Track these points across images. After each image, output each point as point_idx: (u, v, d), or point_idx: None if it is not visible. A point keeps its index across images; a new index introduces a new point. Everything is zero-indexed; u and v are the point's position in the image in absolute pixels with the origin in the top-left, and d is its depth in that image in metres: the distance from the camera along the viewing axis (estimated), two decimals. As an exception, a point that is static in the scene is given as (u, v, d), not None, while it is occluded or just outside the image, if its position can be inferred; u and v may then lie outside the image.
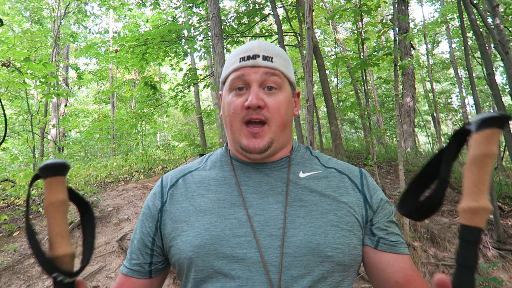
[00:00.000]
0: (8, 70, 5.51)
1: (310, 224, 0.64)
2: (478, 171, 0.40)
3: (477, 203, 0.39)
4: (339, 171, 0.74)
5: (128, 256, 0.74)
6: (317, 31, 12.57)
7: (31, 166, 7.58)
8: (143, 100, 7.91)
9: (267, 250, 0.62)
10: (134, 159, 8.24)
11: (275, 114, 0.67)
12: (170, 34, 6.00)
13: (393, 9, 4.09)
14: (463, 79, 13.72)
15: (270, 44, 0.72)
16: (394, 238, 0.69)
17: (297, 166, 0.74)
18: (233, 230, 0.64)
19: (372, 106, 9.88)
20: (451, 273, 3.02)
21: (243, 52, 0.70)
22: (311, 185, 0.70)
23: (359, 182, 0.73)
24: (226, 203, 0.67)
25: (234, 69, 0.70)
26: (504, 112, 0.39)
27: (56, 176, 0.42)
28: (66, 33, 13.03)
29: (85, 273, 2.91)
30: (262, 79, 0.68)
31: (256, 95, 0.66)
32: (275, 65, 0.69)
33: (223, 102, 0.73)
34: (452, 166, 0.46)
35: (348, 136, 16.40)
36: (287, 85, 0.72)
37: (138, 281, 0.71)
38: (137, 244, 0.72)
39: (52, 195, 0.42)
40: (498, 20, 3.64)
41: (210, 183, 0.72)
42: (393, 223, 0.71)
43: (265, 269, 0.60)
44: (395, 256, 0.68)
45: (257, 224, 0.64)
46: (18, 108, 12.18)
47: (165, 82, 16.77)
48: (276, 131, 0.68)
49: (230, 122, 0.70)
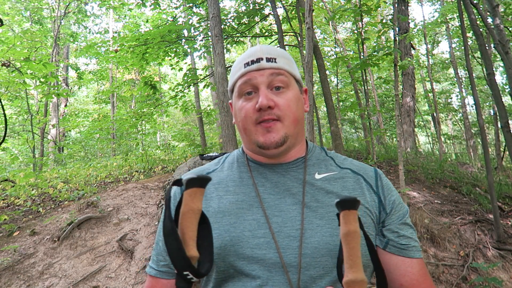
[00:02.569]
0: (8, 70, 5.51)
1: (327, 225, 0.65)
2: (346, 247, 0.47)
3: (352, 276, 0.46)
4: (354, 171, 0.75)
5: (155, 258, 0.74)
6: (317, 31, 12.57)
7: (31, 166, 7.58)
8: (143, 100, 7.91)
9: (286, 251, 0.63)
10: (134, 159, 8.23)
11: (286, 111, 0.68)
12: (170, 34, 5.99)
13: (393, 9, 4.09)
14: (463, 79, 13.72)
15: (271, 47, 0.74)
16: (404, 241, 0.69)
17: (313, 167, 0.74)
18: (252, 231, 0.65)
19: (372, 106, 9.89)
20: (451, 273, 3.02)
21: (247, 58, 0.71)
22: (327, 186, 0.70)
23: (374, 183, 0.73)
24: (244, 204, 0.69)
25: (240, 75, 0.71)
26: (354, 197, 0.47)
27: (200, 188, 0.48)
28: (66, 33, 13.03)
29: (85, 273, 2.91)
30: (269, 80, 0.69)
31: (265, 96, 0.67)
32: (279, 65, 0.70)
33: (234, 109, 0.74)
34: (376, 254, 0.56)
35: (348, 136, 16.39)
36: (294, 83, 0.73)
37: (169, 282, 0.73)
38: (162, 246, 0.73)
39: (194, 203, 0.47)
40: (498, 20, 3.64)
41: (228, 185, 0.73)
42: (406, 225, 0.71)
43: (284, 270, 0.61)
44: (403, 259, 0.68)
45: (275, 225, 0.65)
46: (18, 108, 12.19)
47: (165, 82, 16.77)
48: (289, 126, 0.69)
49: (244, 126, 0.71)
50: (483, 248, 3.36)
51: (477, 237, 3.54)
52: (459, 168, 6.48)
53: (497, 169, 6.75)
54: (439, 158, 7.47)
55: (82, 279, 2.85)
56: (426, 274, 0.70)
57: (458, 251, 3.32)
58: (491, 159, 6.34)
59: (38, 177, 5.36)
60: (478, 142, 11.92)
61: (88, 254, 3.20)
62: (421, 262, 0.70)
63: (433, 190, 4.88)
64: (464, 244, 3.43)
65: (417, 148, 9.59)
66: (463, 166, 7.05)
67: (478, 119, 3.55)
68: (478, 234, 3.59)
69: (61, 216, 3.82)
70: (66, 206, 4.24)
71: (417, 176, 5.54)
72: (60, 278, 2.86)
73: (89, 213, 3.82)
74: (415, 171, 5.80)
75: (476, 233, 3.60)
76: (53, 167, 9.24)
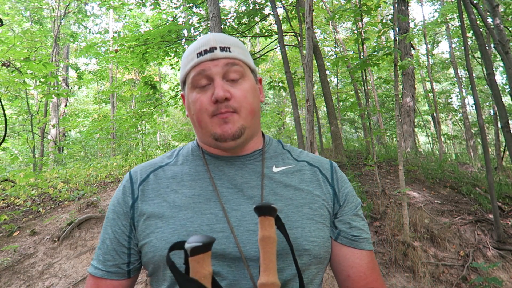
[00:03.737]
0: (8, 70, 5.51)
1: (286, 218, 0.64)
2: (261, 251, 0.50)
3: (265, 279, 0.49)
4: (311, 164, 0.75)
5: (101, 257, 0.69)
6: (317, 31, 12.57)
7: (31, 166, 7.58)
8: (143, 100, 7.91)
9: (246, 245, 0.61)
10: (134, 159, 8.24)
11: (243, 103, 0.66)
12: (170, 34, 5.99)
13: (393, 9, 4.09)
14: (463, 79, 13.72)
15: (224, 35, 0.70)
16: (356, 232, 0.70)
17: (270, 160, 0.73)
18: (210, 225, 0.63)
19: (372, 106, 9.89)
20: (451, 273, 3.02)
21: (199, 47, 0.67)
22: (285, 179, 0.70)
23: (329, 175, 0.74)
24: (201, 198, 0.66)
25: (193, 66, 0.67)
26: (269, 204, 0.50)
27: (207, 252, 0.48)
28: (66, 33, 13.04)
29: (85, 273, 2.91)
30: (224, 71, 0.66)
31: (221, 87, 0.64)
32: (234, 54, 0.67)
33: (187, 101, 0.70)
34: None
35: (348, 136, 16.40)
36: (249, 73, 0.71)
37: (117, 283, 0.68)
38: (111, 244, 0.68)
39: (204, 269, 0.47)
40: (498, 20, 3.64)
41: (183, 178, 0.70)
42: (358, 217, 0.72)
43: (245, 264, 0.60)
44: (353, 251, 0.69)
45: (234, 219, 0.64)
46: (18, 108, 12.20)
47: (165, 82, 16.79)
48: (246, 118, 0.67)
49: (199, 119, 0.67)
50: (483, 248, 3.36)
51: (477, 237, 3.54)
52: (459, 168, 6.48)
53: (497, 169, 6.75)
54: (439, 158, 7.47)
55: (82, 279, 2.85)
56: (374, 266, 0.70)
57: (458, 251, 3.32)
58: (491, 159, 6.34)
59: (38, 177, 5.36)
60: (478, 142, 11.92)
61: (88, 254, 3.20)
62: (370, 254, 0.70)
63: (433, 190, 4.88)
64: (464, 244, 3.43)
65: (417, 148, 9.59)
66: (463, 166, 7.05)
67: (478, 119, 3.55)
68: (478, 234, 3.59)
69: (61, 216, 3.82)
70: (66, 206, 4.24)
71: (417, 176, 5.54)
72: (60, 278, 2.86)
73: (89, 213, 3.82)
74: (415, 171, 5.80)
75: (476, 233, 3.60)
76: (53, 167, 9.24)
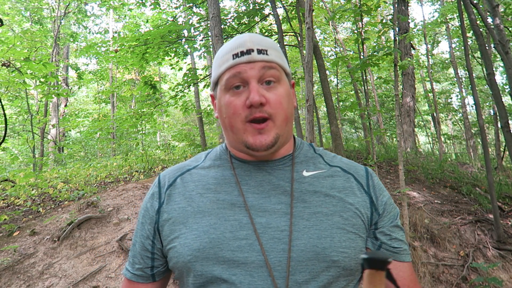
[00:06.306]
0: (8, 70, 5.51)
1: (315, 226, 0.61)
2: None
3: None
4: (344, 170, 0.71)
5: (131, 259, 0.71)
6: (317, 31, 12.56)
7: (31, 166, 7.58)
8: (143, 100, 7.90)
9: (270, 253, 0.59)
10: (134, 159, 8.24)
11: (278, 109, 0.64)
12: (170, 34, 6.00)
13: (393, 9, 4.09)
14: (463, 79, 13.72)
15: (261, 36, 0.68)
16: (396, 244, 0.67)
17: (301, 165, 0.70)
18: (233, 232, 0.61)
19: (372, 106, 9.88)
20: (451, 273, 3.02)
21: (235, 48, 0.65)
22: (315, 184, 0.66)
23: (365, 182, 0.70)
24: (225, 203, 0.64)
25: (228, 67, 0.65)
26: (385, 257, 0.44)
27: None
28: (66, 33, 13.03)
29: (85, 273, 2.91)
30: (260, 74, 0.63)
31: (257, 91, 0.62)
32: (271, 57, 0.65)
33: (219, 103, 0.68)
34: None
35: (348, 136, 16.41)
36: (285, 77, 0.69)
37: (143, 286, 0.70)
38: (138, 248, 0.70)
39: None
40: (498, 20, 3.64)
41: (209, 182, 0.68)
42: (397, 228, 0.69)
43: (270, 274, 0.57)
44: (395, 263, 0.66)
45: (259, 226, 0.61)
46: (18, 108, 12.19)
47: (165, 82, 16.78)
48: (281, 125, 0.65)
49: (231, 124, 0.65)
50: (483, 248, 3.36)
51: (477, 237, 3.54)
52: (459, 168, 6.48)
53: (497, 169, 6.75)
54: (439, 158, 7.47)
55: (82, 279, 2.85)
56: (415, 279, 0.68)
57: (458, 251, 3.32)
58: (491, 159, 6.33)
59: (38, 177, 5.36)
60: (478, 142, 11.92)
61: (88, 254, 3.20)
62: (411, 266, 0.68)
63: (433, 190, 4.88)
64: (464, 244, 3.43)
65: (417, 148, 9.59)
66: (463, 166, 7.05)
67: (478, 119, 3.56)
68: (478, 234, 3.59)
69: (61, 216, 3.82)
70: (66, 206, 4.24)
71: (417, 176, 5.54)
72: (60, 278, 2.86)
73: (89, 213, 3.82)
74: (415, 171, 5.80)
75: (476, 233, 3.60)
76: (53, 167, 9.24)
